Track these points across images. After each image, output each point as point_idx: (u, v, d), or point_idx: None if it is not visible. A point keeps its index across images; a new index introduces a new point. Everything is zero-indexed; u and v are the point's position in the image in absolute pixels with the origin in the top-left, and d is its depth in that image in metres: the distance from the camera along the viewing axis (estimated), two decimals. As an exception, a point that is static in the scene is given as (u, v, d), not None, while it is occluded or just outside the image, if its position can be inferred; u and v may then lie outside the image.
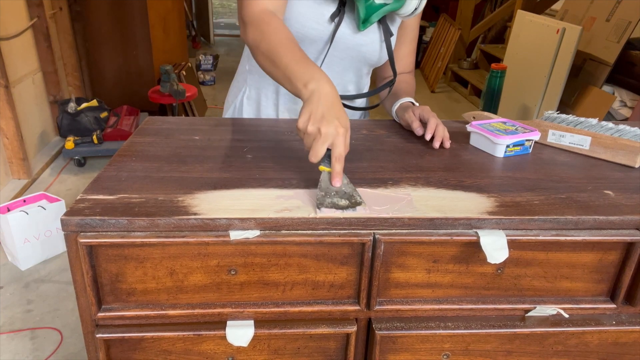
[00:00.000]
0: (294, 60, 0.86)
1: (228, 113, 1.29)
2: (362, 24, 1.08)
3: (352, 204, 0.77)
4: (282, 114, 1.23)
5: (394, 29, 1.17)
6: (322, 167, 0.80)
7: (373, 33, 1.13)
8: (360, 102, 1.30)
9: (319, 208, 0.76)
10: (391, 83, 1.19)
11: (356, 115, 1.29)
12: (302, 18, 1.07)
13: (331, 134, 0.76)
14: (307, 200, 0.80)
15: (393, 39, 1.17)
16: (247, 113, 1.25)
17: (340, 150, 0.77)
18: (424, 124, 1.07)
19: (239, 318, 0.82)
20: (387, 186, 0.86)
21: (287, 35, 0.93)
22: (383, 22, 1.13)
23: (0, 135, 2.82)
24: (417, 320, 0.85)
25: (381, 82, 1.30)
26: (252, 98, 1.24)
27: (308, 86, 0.82)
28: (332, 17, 1.08)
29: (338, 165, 0.78)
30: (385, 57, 1.18)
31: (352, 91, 1.23)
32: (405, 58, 1.26)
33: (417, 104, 1.15)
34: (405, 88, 1.23)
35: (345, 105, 1.17)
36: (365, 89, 1.27)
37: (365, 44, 1.13)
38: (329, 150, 0.79)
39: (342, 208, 0.76)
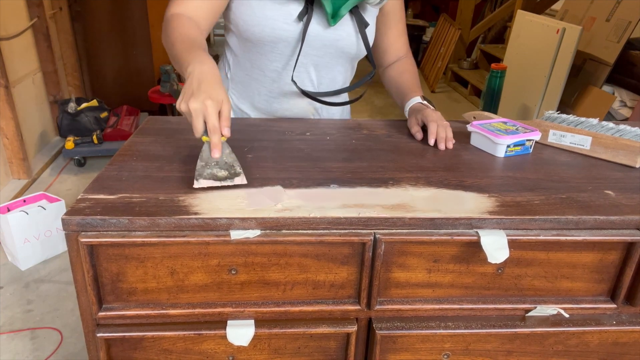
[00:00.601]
0: (182, 49, 0.91)
1: None
2: (332, 18, 1.07)
3: (230, 174, 0.80)
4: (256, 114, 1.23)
5: (370, 18, 1.15)
6: (204, 137, 0.81)
7: (348, 26, 1.12)
8: (344, 97, 1.29)
9: (197, 180, 0.79)
10: (371, 75, 1.19)
11: (337, 113, 1.28)
12: (270, 21, 1.06)
13: (199, 108, 0.78)
14: (308, 200, 0.80)
15: (370, 30, 1.15)
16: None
17: (213, 122, 0.78)
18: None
19: (240, 317, 0.82)
20: (387, 186, 0.86)
21: (184, 31, 0.97)
22: (356, 13, 1.11)
23: (0, 135, 2.82)
24: (418, 320, 0.85)
25: (381, 69, 1.29)
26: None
27: (187, 69, 0.86)
28: (300, 16, 1.07)
29: (214, 137, 0.79)
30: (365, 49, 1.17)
31: (339, 87, 1.22)
32: (396, 42, 1.25)
33: (425, 102, 1.15)
34: (407, 80, 1.22)
35: (326, 102, 1.17)
36: (348, 83, 1.26)
37: (341, 39, 1.12)
38: None
39: (221, 179, 0.79)
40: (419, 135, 1.09)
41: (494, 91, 3.53)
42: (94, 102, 3.33)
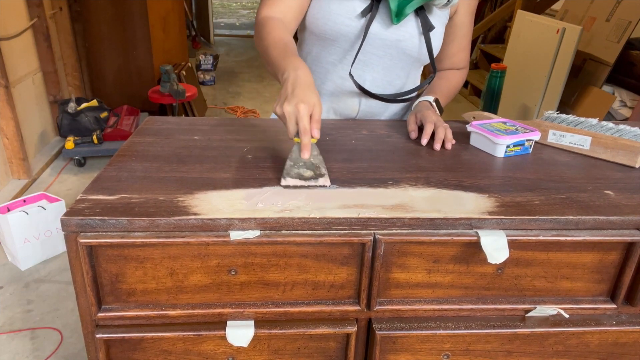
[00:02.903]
0: (278, 55, 0.95)
1: None
2: (396, 17, 1.06)
3: (315, 175, 0.84)
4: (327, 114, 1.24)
5: (437, 22, 1.13)
6: (295, 139, 0.86)
7: (411, 27, 1.11)
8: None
9: (284, 178, 0.84)
10: (430, 80, 1.18)
11: (401, 110, 1.28)
12: (333, 15, 1.07)
13: (292, 111, 0.82)
14: (308, 200, 0.80)
15: (436, 34, 1.13)
16: None
17: (304, 124, 0.82)
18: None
19: (239, 318, 0.82)
20: (387, 186, 0.86)
21: (277, 35, 0.99)
22: (421, 14, 1.10)
23: (0, 135, 2.82)
24: (418, 320, 0.85)
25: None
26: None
27: (283, 75, 0.89)
28: (364, 13, 1.07)
29: (305, 138, 0.83)
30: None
31: (399, 89, 1.20)
32: (456, 55, 1.24)
33: (434, 104, 1.14)
34: (439, 84, 1.20)
35: (386, 100, 1.16)
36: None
37: (404, 39, 1.11)
38: None
39: (306, 179, 0.84)
40: (413, 135, 1.09)
41: (494, 91, 3.52)
42: (94, 102, 3.33)
